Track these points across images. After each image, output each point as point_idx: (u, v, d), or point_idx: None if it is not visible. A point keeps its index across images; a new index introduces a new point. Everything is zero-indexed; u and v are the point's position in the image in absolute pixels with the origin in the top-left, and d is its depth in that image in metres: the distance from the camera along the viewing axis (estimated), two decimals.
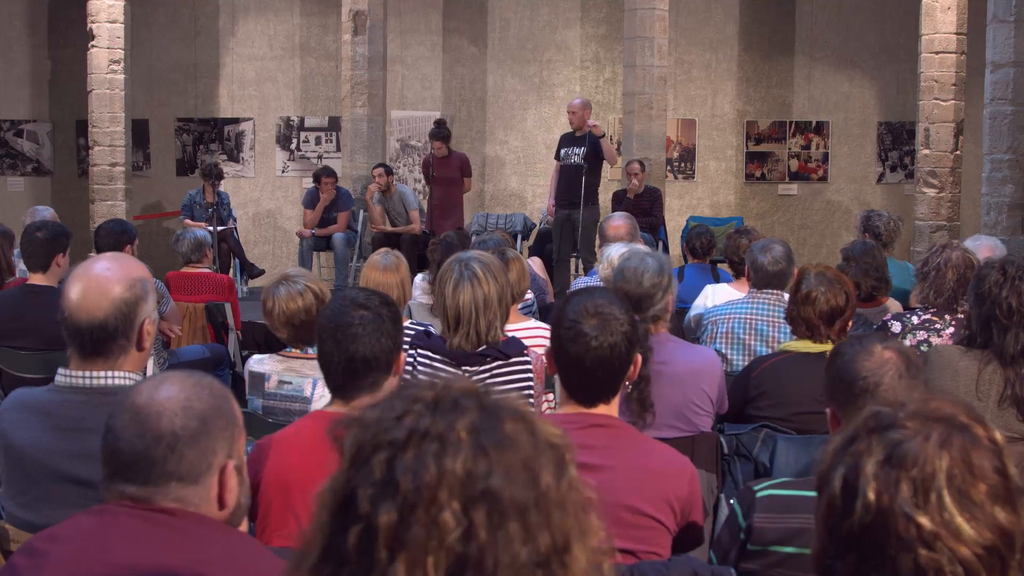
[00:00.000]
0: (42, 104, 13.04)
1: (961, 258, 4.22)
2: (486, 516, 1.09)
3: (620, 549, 2.39)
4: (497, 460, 1.11)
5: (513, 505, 1.10)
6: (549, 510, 1.12)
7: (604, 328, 2.46)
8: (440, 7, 13.15)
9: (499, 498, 1.10)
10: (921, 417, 1.28)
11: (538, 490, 1.12)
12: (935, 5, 10.06)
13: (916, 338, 4.14)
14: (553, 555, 1.11)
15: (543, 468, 1.14)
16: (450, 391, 1.18)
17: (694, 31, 13.14)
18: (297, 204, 12.48)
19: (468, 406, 1.15)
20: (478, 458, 1.11)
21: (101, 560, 1.74)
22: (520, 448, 1.13)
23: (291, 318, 3.66)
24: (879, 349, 2.35)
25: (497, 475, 1.11)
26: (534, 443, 1.15)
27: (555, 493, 1.13)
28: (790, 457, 3.40)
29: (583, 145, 9.37)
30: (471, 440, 1.12)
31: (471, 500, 1.09)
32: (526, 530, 1.10)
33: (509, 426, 1.15)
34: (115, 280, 2.46)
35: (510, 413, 1.17)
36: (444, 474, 1.09)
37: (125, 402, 1.83)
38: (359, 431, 1.15)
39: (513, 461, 1.12)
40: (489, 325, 3.43)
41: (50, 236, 4.89)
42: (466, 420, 1.13)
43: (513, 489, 1.11)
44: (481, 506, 1.09)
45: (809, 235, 13.36)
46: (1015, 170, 7.18)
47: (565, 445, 1.18)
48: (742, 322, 4.43)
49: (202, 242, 7.09)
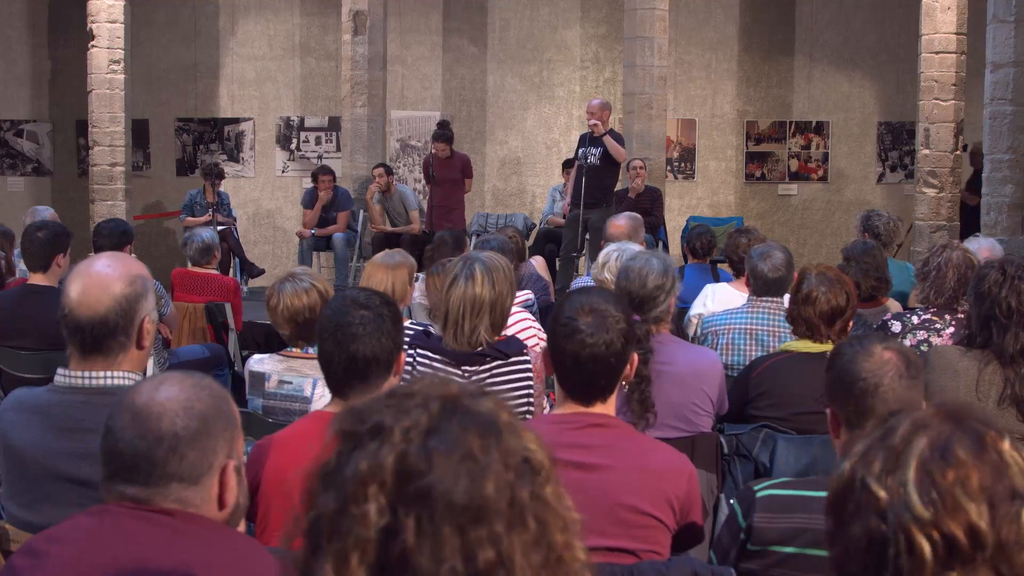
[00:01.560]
0: (42, 104, 13.04)
1: (962, 258, 4.23)
2: (415, 519, 1.06)
3: (620, 549, 2.39)
4: (441, 464, 1.08)
5: (450, 512, 1.06)
6: (494, 525, 1.07)
7: (600, 326, 2.46)
8: (440, 7, 13.15)
9: (433, 502, 1.06)
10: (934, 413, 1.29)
11: (483, 501, 1.07)
12: (935, 5, 10.06)
13: (916, 338, 4.14)
14: (497, 572, 1.06)
15: (495, 480, 1.09)
16: (429, 392, 1.16)
17: (694, 31, 13.14)
18: (297, 204, 12.48)
19: (433, 408, 1.13)
20: (419, 458, 1.08)
21: (101, 561, 1.74)
22: (472, 456, 1.09)
23: (295, 315, 3.67)
24: (879, 349, 2.35)
25: (435, 478, 1.07)
26: (494, 454, 1.10)
27: (508, 508, 1.09)
28: (790, 457, 3.40)
29: (600, 146, 9.34)
30: (419, 440, 1.10)
31: (401, 498, 1.07)
32: (464, 541, 1.05)
33: (468, 434, 1.11)
34: (116, 276, 2.47)
35: (478, 421, 1.13)
36: (378, 468, 1.08)
37: (125, 402, 1.83)
38: (338, 420, 1.16)
39: (459, 469, 1.08)
40: (473, 329, 3.41)
41: (51, 236, 4.89)
42: (423, 420, 1.12)
43: (453, 496, 1.07)
44: (412, 507, 1.06)
45: (809, 235, 13.35)
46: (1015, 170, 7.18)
47: (540, 462, 1.14)
48: (742, 332, 4.41)
49: (210, 245, 7.03)
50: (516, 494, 1.10)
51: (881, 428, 1.29)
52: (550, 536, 1.11)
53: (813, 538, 2.19)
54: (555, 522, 1.13)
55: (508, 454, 1.12)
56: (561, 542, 1.12)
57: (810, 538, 2.21)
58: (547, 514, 1.12)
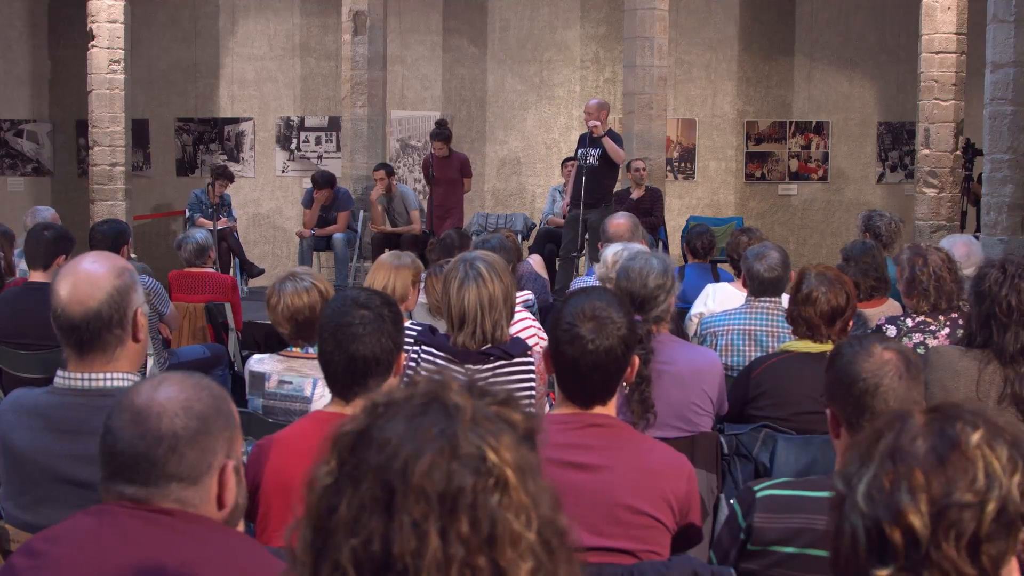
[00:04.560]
0: (42, 104, 13.04)
1: (944, 257, 4.25)
2: (351, 488, 1.12)
3: (619, 549, 2.39)
4: (385, 439, 1.13)
5: (377, 486, 1.10)
6: (416, 511, 1.09)
7: (600, 331, 2.45)
8: (440, 7, 13.15)
9: (365, 472, 1.12)
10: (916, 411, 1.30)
11: (409, 483, 1.09)
12: (935, 5, 10.06)
13: (912, 341, 4.14)
14: (417, 562, 1.08)
15: (429, 462, 1.10)
16: (427, 386, 1.19)
17: (694, 31, 13.14)
18: (297, 204, 12.48)
19: (415, 396, 1.17)
20: (372, 432, 1.14)
21: (100, 561, 1.74)
22: (417, 438, 1.12)
23: (295, 314, 3.67)
24: (879, 350, 2.35)
25: (374, 451, 1.13)
26: (440, 440, 1.12)
27: (438, 498, 1.09)
28: (790, 457, 3.40)
29: (599, 146, 9.35)
30: (384, 419, 1.15)
31: (345, 465, 1.14)
32: (387, 521, 1.09)
33: (426, 418, 1.14)
34: (104, 271, 2.49)
35: (442, 408, 1.15)
36: (341, 436, 1.17)
37: (124, 402, 1.82)
38: None
39: (400, 445, 1.12)
40: (495, 324, 3.43)
41: (56, 236, 4.97)
42: (396, 404, 1.17)
43: (383, 472, 1.11)
44: (351, 477, 1.12)
45: (809, 235, 13.35)
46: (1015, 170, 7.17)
47: (497, 468, 1.12)
48: (741, 333, 4.41)
49: (204, 246, 7.08)
50: (452, 485, 1.10)
51: (870, 428, 1.30)
52: (491, 544, 1.09)
53: (813, 538, 2.20)
54: (504, 532, 1.10)
55: (457, 446, 1.12)
56: (507, 556, 1.10)
57: (810, 538, 2.21)
58: (491, 520, 1.10)
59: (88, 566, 1.74)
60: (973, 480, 1.19)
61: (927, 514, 1.18)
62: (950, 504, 1.18)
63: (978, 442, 1.22)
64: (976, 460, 1.21)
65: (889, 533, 1.19)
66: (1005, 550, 1.19)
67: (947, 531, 1.18)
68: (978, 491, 1.19)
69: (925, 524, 1.18)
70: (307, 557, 1.14)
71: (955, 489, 1.19)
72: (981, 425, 1.24)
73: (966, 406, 1.28)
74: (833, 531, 1.25)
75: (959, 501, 1.18)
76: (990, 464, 1.21)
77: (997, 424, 1.26)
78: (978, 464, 1.21)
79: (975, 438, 1.22)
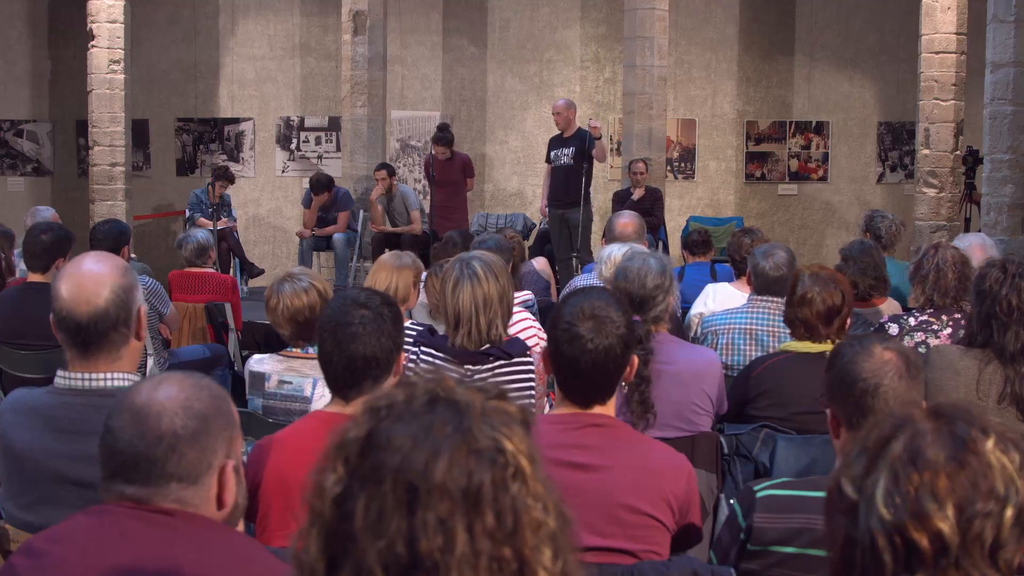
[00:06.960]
0: (42, 104, 13.04)
1: (957, 256, 4.24)
2: (367, 494, 1.12)
3: (619, 549, 2.39)
4: (398, 441, 1.13)
5: (398, 488, 1.10)
6: (441, 508, 1.09)
7: (599, 331, 2.45)
8: (440, 7, 13.15)
9: (383, 476, 1.11)
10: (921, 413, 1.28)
11: (432, 482, 1.10)
12: (935, 5, 10.06)
13: (914, 340, 4.14)
14: (444, 559, 1.08)
15: (448, 461, 1.11)
16: (426, 384, 1.19)
17: (694, 31, 13.14)
18: (297, 204, 12.48)
19: (417, 394, 1.18)
20: (381, 435, 1.14)
21: (100, 561, 1.74)
22: (430, 436, 1.12)
23: (295, 315, 3.67)
24: (879, 350, 2.35)
25: (389, 453, 1.13)
26: (456, 437, 1.12)
27: (461, 494, 1.10)
28: (790, 457, 3.40)
29: (571, 145, 9.55)
30: (390, 421, 1.15)
31: (357, 471, 1.13)
32: (410, 523, 1.09)
33: (435, 417, 1.14)
34: (107, 270, 2.49)
35: (450, 406, 1.16)
36: (347, 442, 1.16)
37: (124, 402, 1.82)
38: None
39: (415, 447, 1.12)
40: (490, 324, 3.43)
41: (54, 240, 4.96)
42: (399, 403, 1.17)
43: (402, 473, 1.11)
44: (365, 482, 1.12)
45: (809, 235, 13.35)
46: (1015, 170, 7.17)
47: (514, 457, 1.13)
48: (742, 332, 4.41)
49: (205, 246, 7.10)
50: (473, 481, 1.10)
51: (870, 428, 1.29)
52: (514, 534, 1.11)
53: (813, 538, 2.19)
54: (526, 521, 1.12)
55: (474, 440, 1.13)
56: (530, 543, 1.11)
57: (810, 538, 2.21)
58: (513, 510, 1.11)
59: (88, 566, 1.74)
60: (992, 486, 1.19)
61: (954, 519, 1.17)
62: (975, 512, 1.18)
63: (992, 448, 1.22)
64: (993, 466, 1.21)
65: (917, 539, 1.17)
66: (1017, 554, 1.19)
67: (975, 537, 1.17)
68: (998, 497, 1.19)
69: (953, 529, 1.17)
70: (320, 565, 1.13)
71: (978, 496, 1.19)
72: (991, 430, 1.24)
73: (968, 407, 1.28)
74: (842, 538, 1.23)
75: (983, 509, 1.18)
76: (1006, 469, 1.21)
77: (1001, 427, 1.26)
78: (995, 470, 1.20)
79: (989, 444, 1.22)
